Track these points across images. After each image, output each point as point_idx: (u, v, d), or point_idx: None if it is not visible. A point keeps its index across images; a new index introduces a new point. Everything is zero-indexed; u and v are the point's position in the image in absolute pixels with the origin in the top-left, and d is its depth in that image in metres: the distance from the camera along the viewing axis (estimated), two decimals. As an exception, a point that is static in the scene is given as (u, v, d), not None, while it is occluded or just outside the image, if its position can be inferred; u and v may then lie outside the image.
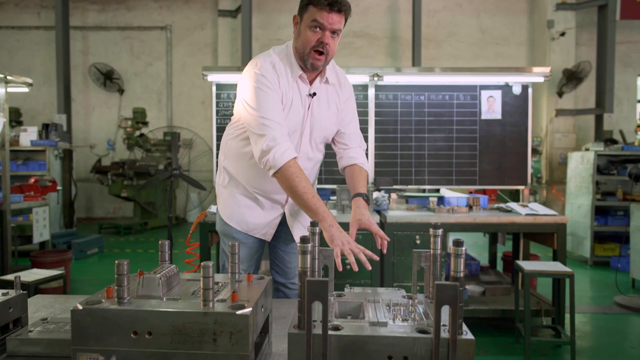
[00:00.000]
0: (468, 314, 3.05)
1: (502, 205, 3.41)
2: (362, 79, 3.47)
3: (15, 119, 7.98)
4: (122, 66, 9.54)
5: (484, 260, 4.48)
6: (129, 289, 1.03)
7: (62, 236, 5.48)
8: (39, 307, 1.49)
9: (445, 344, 0.93)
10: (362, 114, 3.54)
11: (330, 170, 3.56)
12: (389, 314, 1.13)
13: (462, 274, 1.01)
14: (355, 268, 1.56)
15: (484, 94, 3.53)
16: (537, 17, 9.19)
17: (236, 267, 1.28)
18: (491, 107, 3.52)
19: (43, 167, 5.46)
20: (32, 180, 4.13)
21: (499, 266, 4.26)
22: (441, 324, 0.97)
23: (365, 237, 2.88)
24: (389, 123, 3.54)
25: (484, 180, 3.56)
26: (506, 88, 3.54)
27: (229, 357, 0.98)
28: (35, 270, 2.93)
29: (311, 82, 1.81)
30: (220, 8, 9.37)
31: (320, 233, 1.30)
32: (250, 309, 1.00)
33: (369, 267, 1.57)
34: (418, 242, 2.99)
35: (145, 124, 8.08)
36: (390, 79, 3.47)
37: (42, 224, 3.95)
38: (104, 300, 1.02)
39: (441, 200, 3.49)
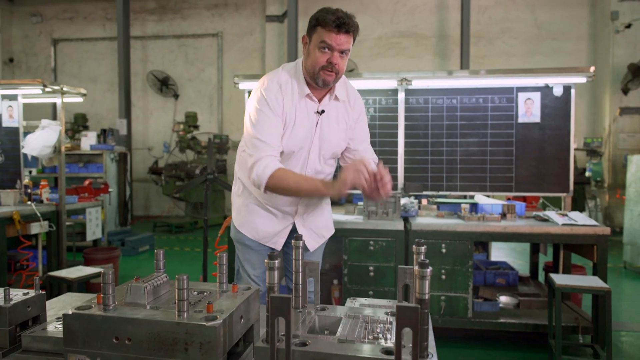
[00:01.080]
0: (497, 327, 2.93)
1: (540, 213, 3.24)
2: (390, 83, 3.43)
3: (82, 123, 8.64)
4: (177, 72, 10.05)
5: (525, 269, 4.28)
6: (114, 296, 1.12)
7: (116, 234, 5.89)
8: (65, 305, 1.63)
9: (407, 367, 0.91)
10: (392, 119, 3.51)
11: (359, 175, 3.56)
12: (364, 331, 1.13)
13: (427, 296, 1.00)
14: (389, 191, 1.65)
15: (521, 96, 3.37)
16: (599, 8, 8.57)
17: (223, 277, 1.32)
18: (529, 110, 3.35)
19: (101, 169, 5.91)
20: (86, 182, 4.48)
21: (541, 277, 4.04)
22: (402, 346, 0.96)
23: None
24: (420, 128, 3.48)
25: (521, 186, 3.39)
26: (546, 90, 3.35)
27: (198, 365, 1.03)
28: (80, 267, 3.19)
29: (320, 100, 1.85)
30: (268, 14, 9.61)
31: (304, 246, 1.32)
32: (220, 321, 1.05)
33: (367, 190, 1.64)
34: (444, 250, 2.91)
35: (197, 127, 8.47)
36: (419, 83, 3.41)
37: (95, 223, 4.27)
38: (93, 306, 1.12)
39: (474, 207, 3.38)
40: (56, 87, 3.71)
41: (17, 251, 3.58)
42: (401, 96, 3.48)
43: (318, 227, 1.99)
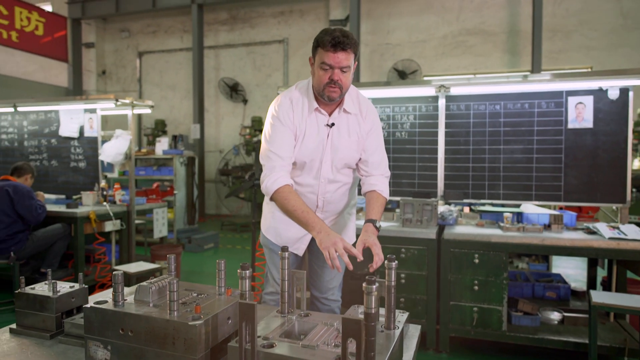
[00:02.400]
0: (534, 343, 2.82)
1: (590, 225, 3.05)
2: (430, 90, 3.42)
3: (161, 129, 9.46)
4: (246, 78, 10.60)
5: (584, 283, 4.00)
6: (123, 294, 1.33)
7: (184, 232, 6.41)
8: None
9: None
10: (431, 126, 3.49)
11: (398, 182, 3.59)
12: (333, 338, 1.24)
13: (373, 310, 1.07)
14: (350, 267, 1.72)
15: (572, 100, 3.18)
16: (697, -7, 7.63)
17: (222, 282, 1.49)
18: (580, 115, 3.16)
19: (171, 172, 6.47)
20: (154, 185, 4.96)
21: (601, 292, 3.75)
22: (347, 356, 1.06)
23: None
24: (461, 134, 3.42)
25: (571, 196, 3.21)
26: (599, 93, 3.13)
27: (183, 358, 1.20)
28: (141, 263, 3.59)
29: (331, 113, 1.96)
30: (331, 18, 9.79)
31: (289, 257, 1.44)
32: (201, 321, 1.21)
33: (351, 268, 1.72)
34: (476, 261, 2.86)
35: (262, 131, 8.87)
36: (459, 90, 3.35)
37: (161, 222, 4.73)
38: (108, 301, 1.34)
39: (519, 216, 3.26)
40: (126, 101, 4.18)
41: (93, 246, 4.10)
42: (441, 102, 3.45)
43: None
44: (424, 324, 3.00)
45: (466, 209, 3.53)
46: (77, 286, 1.71)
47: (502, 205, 3.83)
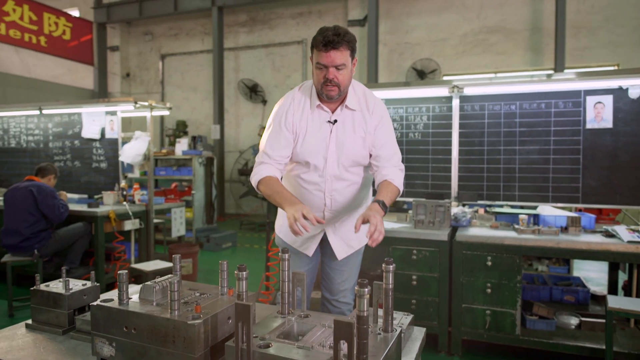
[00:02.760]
0: (549, 347, 2.76)
1: (610, 228, 2.96)
2: (443, 91, 3.38)
3: (182, 129, 9.63)
4: (265, 79, 10.69)
5: (605, 288, 3.89)
6: (127, 293, 1.37)
7: (203, 231, 6.52)
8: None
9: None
10: (445, 127, 3.46)
11: (411, 183, 3.56)
12: (328, 340, 1.25)
13: (365, 313, 1.08)
14: (302, 233, 1.74)
15: (590, 100, 3.10)
16: None
17: (224, 282, 1.51)
18: (599, 115, 3.07)
19: (190, 172, 6.58)
20: (173, 185, 5.06)
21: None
22: (339, 357, 1.07)
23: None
24: (475, 135, 3.38)
25: (589, 198, 3.13)
26: (620, 92, 3.04)
27: (183, 356, 1.23)
28: (158, 261, 3.67)
29: (334, 110, 1.96)
30: (350, 18, 9.78)
31: (289, 259, 1.46)
32: (200, 320, 1.24)
33: (308, 230, 1.74)
34: (489, 263, 2.82)
35: (280, 131, 8.93)
36: (473, 90, 3.31)
37: (179, 221, 4.83)
38: (114, 299, 1.38)
39: (535, 218, 3.19)
40: (145, 103, 4.28)
41: (113, 244, 4.21)
42: (455, 103, 3.41)
43: (349, 237, 2.08)
44: (436, 326, 2.97)
45: (481, 211, 3.49)
46: (89, 284, 1.77)
47: (522, 207, 3.76)
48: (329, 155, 1.96)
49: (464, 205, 3.46)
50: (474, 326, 2.88)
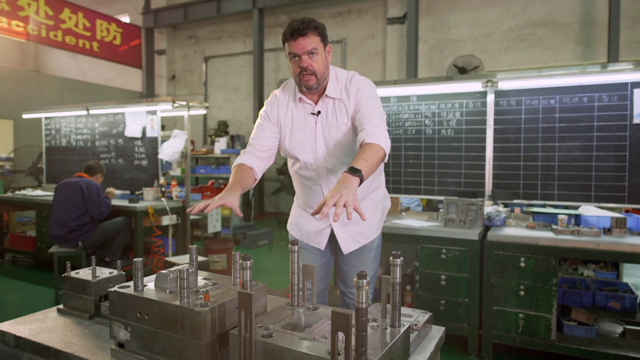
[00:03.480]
0: (587, 355, 2.59)
1: (659, 230, 2.75)
2: (477, 85, 3.26)
3: (224, 129, 9.87)
4: (304, 80, 10.76)
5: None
6: (142, 280, 1.42)
7: (240, 228, 6.65)
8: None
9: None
10: (480, 123, 3.34)
11: (443, 181, 3.47)
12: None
13: (364, 305, 1.06)
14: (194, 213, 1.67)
15: (638, 93, 2.89)
16: None
17: (237, 273, 1.53)
18: (648, 109, 2.86)
19: (228, 170, 6.73)
20: (209, 182, 5.20)
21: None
22: (337, 349, 1.05)
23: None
24: (511, 131, 3.24)
25: (636, 198, 2.91)
26: (671, 84, 2.82)
27: (190, 343, 1.27)
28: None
29: (317, 102, 1.95)
30: (389, 16, 9.66)
31: (299, 251, 1.46)
32: (207, 308, 1.26)
33: (195, 212, 1.67)
34: (522, 265, 2.69)
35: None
36: (508, 84, 3.17)
37: (215, 218, 4.95)
38: (130, 286, 1.44)
39: (577, 219, 3.02)
40: (182, 103, 4.43)
41: (151, 238, 4.39)
42: (490, 98, 3.28)
43: (355, 232, 2.06)
44: (465, 328, 2.87)
45: (517, 210, 3.34)
46: (115, 272, 1.86)
47: (566, 207, 3.57)
48: (318, 147, 1.94)
49: (498, 204, 3.33)
50: (506, 330, 2.76)
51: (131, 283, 1.45)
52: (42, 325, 1.65)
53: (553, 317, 2.64)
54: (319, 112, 1.94)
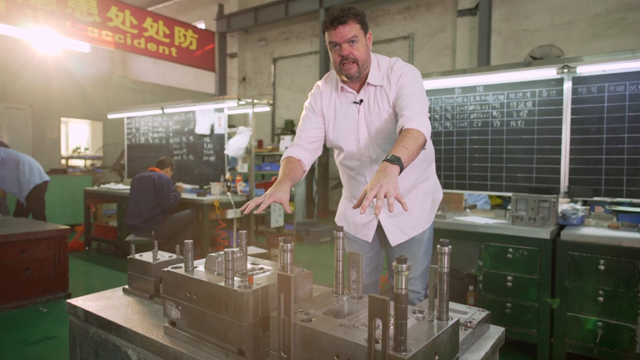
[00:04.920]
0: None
1: None
2: (551, 72, 3.00)
3: (290, 128, 10.08)
4: (370, 77, 10.66)
5: None
6: (192, 261, 1.47)
7: (303, 224, 6.74)
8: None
9: (380, 356, 0.97)
10: (554, 112, 3.07)
11: (512, 177, 3.23)
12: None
13: (403, 291, 1.01)
14: (247, 210, 1.64)
15: None
16: None
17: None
18: None
19: (291, 167, 6.82)
20: (273, 178, 5.31)
21: None
22: (374, 335, 1.01)
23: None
24: (591, 121, 2.94)
25: None
26: None
27: (233, 324, 1.29)
28: (252, 247, 3.89)
29: (359, 90, 1.91)
30: (460, 8, 9.27)
31: (343, 238, 1.42)
32: (249, 290, 1.27)
33: (249, 209, 1.63)
34: (602, 267, 2.42)
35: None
36: (587, 69, 2.88)
37: (278, 213, 5.05)
38: (182, 266, 1.49)
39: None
40: (248, 100, 4.57)
41: (216, 231, 4.57)
42: (567, 86, 3.00)
43: (403, 223, 1.97)
44: (535, 334, 2.65)
45: (598, 209, 3.03)
46: (175, 256, 1.95)
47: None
48: (361, 136, 1.91)
49: (575, 201, 3.04)
50: (581, 339, 2.51)
51: (183, 264, 1.51)
52: (108, 302, 1.77)
53: (638, 328, 2.36)
54: (361, 101, 1.90)
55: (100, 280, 4.63)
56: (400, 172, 1.46)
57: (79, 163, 10.34)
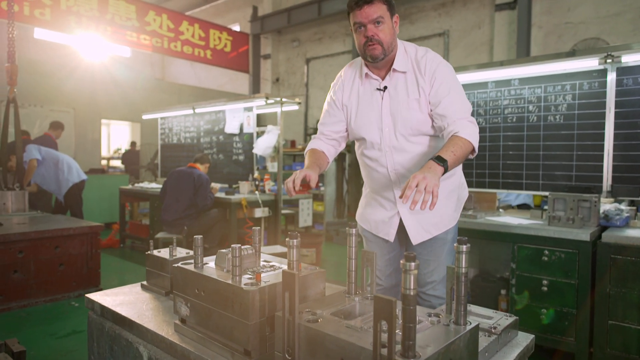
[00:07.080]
0: None
1: None
2: (592, 62, 2.80)
3: (322, 128, 10.04)
4: (403, 76, 10.47)
5: None
6: (202, 258, 1.44)
7: (333, 224, 6.67)
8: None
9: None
10: (596, 106, 2.86)
11: (549, 175, 3.04)
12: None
13: (412, 292, 0.94)
14: (291, 193, 1.68)
15: None
16: None
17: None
18: None
19: (323, 167, 6.78)
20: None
21: None
22: (380, 339, 0.94)
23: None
24: (637, 115, 2.71)
25: None
26: None
27: (239, 323, 1.25)
28: (277, 246, 3.86)
29: (384, 77, 1.85)
30: (498, 2, 8.94)
31: (356, 234, 1.36)
32: (255, 288, 1.22)
33: (292, 192, 1.67)
34: (648, 272, 2.23)
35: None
36: (635, 58, 2.66)
37: (306, 212, 5.01)
38: (192, 263, 1.46)
39: None
40: (277, 99, 4.55)
41: (244, 229, 4.58)
42: (611, 77, 2.79)
43: (426, 221, 1.87)
44: (572, 343, 2.47)
45: (645, 209, 2.80)
46: (192, 253, 1.93)
47: None
48: (384, 125, 1.83)
49: (620, 201, 2.83)
50: (624, 349, 2.31)
51: (193, 260, 1.48)
52: (125, 298, 1.77)
53: (691, 340, 2.15)
54: (385, 88, 1.83)
55: (132, 277, 4.74)
56: (444, 174, 1.51)
57: (119, 164, 10.72)
